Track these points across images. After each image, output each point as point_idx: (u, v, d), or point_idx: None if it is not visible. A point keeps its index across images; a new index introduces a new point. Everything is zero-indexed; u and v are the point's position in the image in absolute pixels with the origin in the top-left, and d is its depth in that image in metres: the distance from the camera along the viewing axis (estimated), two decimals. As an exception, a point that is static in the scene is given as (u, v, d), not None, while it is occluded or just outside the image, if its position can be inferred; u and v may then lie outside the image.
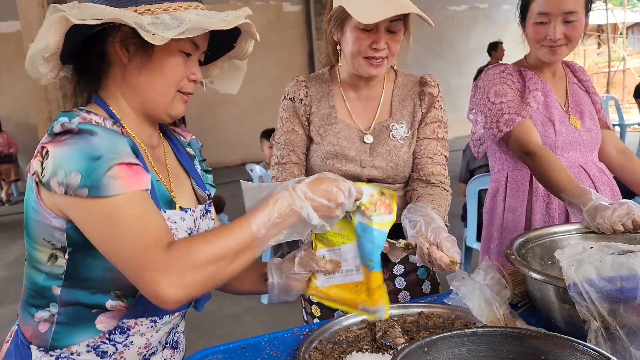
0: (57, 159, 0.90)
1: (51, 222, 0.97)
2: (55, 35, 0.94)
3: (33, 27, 3.79)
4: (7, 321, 3.97)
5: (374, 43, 1.45)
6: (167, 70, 1.03)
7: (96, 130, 0.92)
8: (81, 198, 0.89)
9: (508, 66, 1.86)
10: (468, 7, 12.66)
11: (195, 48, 1.06)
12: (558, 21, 1.69)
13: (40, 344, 1.06)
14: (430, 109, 1.60)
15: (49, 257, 1.01)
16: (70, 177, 0.89)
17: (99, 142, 0.91)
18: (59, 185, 0.90)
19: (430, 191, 1.54)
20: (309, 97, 1.60)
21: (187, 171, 1.23)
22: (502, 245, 1.85)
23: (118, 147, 0.92)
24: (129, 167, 0.92)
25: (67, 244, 0.99)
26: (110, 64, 1.05)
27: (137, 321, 1.07)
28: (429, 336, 0.81)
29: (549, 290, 1.13)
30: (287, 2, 11.06)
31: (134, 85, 1.05)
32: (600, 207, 1.38)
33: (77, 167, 0.89)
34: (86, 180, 0.88)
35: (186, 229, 1.09)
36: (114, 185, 0.89)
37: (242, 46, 1.18)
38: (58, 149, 0.91)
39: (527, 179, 1.83)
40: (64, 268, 1.01)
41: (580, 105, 1.86)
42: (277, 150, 1.62)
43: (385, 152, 1.55)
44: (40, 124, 3.88)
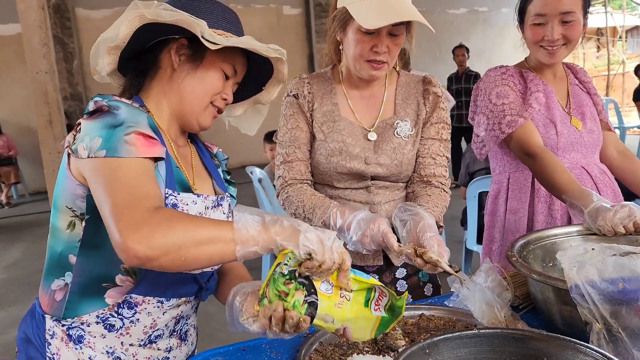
0: (86, 130, 1.02)
1: (75, 189, 1.08)
2: (126, 29, 1.08)
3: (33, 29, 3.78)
4: (8, 323, 3.96)
5: (375, 46, 1.45)
6: (208, 80, 1.18)
7: (121, 105, 1.04)
8: (97, 159, 0.99)
9: (509, 68, 1.86)
10: (467, 10, 12.69)
11: (234, 73, 1.22)
12: (555, 22, 1.69)
13: (54, 313, 1.15)
14: (435, 109, 1.60)
15: (68, 224, 1.12)
16: (94, 141, 1.00)
17: (122, 114, 1.03)
18: (83, 150, 1.00)
19: (428, 192, 1.54)
20: (312, 93, 1.60)
21: (210, 172, 1.31)
22: (504, 247, 1.85)
23: (137, 119, 1.04)
24: (144, 137, 1.02)
25: (85, 211, 1.09)
26: (160, 67, 1.19)
27: (144, 299, 1.13)
28: (430, 337, 0.80)
29: (550, 292, 1.12)
30: (288, 5, 11.09)
31: (178, 86, 1.18)
32: (601, 209, 1.38)
33: (99, 133, 1.00)
34: (105, 143, 0.99)
35: (196, 212, 1.15)
36: (127, 149, 0.99)
37: (270, 90, 1.35)
38: (89, 123, 1.03)
39: (529, 180, 1.82)
40: (80, 236, 1.11)
41: (581, 106, 1.86)
42: (281, 149, 1.61)
43: (390, 149, 1.55)
44: (41, 126, 3.87)
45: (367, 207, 1.57)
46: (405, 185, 1.63)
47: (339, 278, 0.95)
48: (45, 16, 3.84)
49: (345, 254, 0.94)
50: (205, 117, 1.21)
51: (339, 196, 1.58)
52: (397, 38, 1.47)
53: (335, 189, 1.59)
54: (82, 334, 1.14)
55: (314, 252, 0.89)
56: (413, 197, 1.57)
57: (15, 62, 9.28)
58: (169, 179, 1.11)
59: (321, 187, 1.62)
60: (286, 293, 0.90)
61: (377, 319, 0.97)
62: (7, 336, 3.74)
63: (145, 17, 1.07)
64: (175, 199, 1.11)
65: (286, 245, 0.91)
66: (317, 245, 0.90)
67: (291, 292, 0.90)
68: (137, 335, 1.16)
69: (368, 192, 1.57)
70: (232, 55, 1.19)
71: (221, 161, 1.39)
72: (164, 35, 1.15)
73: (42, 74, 3.80)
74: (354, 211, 1.37)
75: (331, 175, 1.57)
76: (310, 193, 1.52)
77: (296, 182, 1.57)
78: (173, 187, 1.12)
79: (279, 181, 1.60)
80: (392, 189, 1.59)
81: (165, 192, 1.09)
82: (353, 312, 0.96)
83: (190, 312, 1.27)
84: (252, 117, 1.42)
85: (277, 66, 1.26)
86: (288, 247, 0.90)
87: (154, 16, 1.06)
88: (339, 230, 1.38)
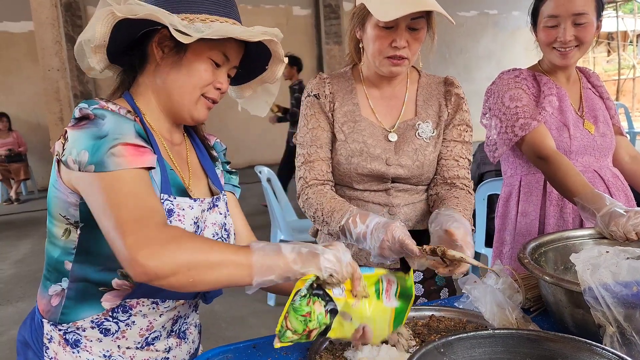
0: (74, 139, 0.99)
1: (67, 197, 1.05)
2: (102, 27, 1.04)
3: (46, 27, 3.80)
4: (15, 319, 3.98)
5: (394, 41, 1.42)
6: (194, 73, 1.11)
7: (106, 114, 1.00)
8: (89, 173, 0.97)
9: (523, 71, 1.86)
10: (478, 13, 12.66)
11: (226, 60, 1.14)
12: (568, 23, 1.69)
13: (51, 317, 1.14)
14: (458, 111, 1.58)
15: (63, 231, 1.10)
16: (81, 154, 0.97)
17: (106, 124, 0.99)
18: (73, 163, 0.98)
19: (455, 194, 1.51)
20: (332, 93, 1.58)
21: (205, 170, 1.27)
22: (514, 249, 1.84)
23: (123, 129, 1.00)
24: (132, 147, 0.99)
25: (79, 219, 1.07)
26: (147, 61, 1.14)
27: (138, 301, 1.12)
28: (445, 337, 0.80)
29: (562, 294, 1.12)
30: (297, 6, 11.09)
31: (164, 82, 1.12)
32: (614, 214, 1.37)
33: (85, 146, 0.97)
34: (92, 158, 0.96)
35: (193, 217, 1.13)
36: (115, 162, 0.96)
37: (273, 70, 1.26)
38: (75, 132, 0.99)
39: (541, 183, 1.82)
40: (75, 242, 1.09)
41: (594, 110, 1.86)
42: (302, 150, 1.58)
43: (411, 150, 1.53)
44: (52, 123, 3.90)
45: (386, 209, 1.55)
46: (426, 189, 1.61)
47: (353, 287, 1.00)
48: (57, 14, 3.87)
49: (354, 264, 1.00)
50: (198, 110, 1.15)
51: (358, 197, 1.57)
52: (416, 32, 1.44)
53: (355, 190, 1.57)
54: (78, 338, 1.13)
55: (334, 271, 0.95)
56: (438, 199, 1.54)
57: (27, 60, 9.34)
58: (164, 184, 1.08)
59: (340, 188, 1.60)
60: (309, 312, 0.93)
61: (392, 312, 1.00)
62: (15, 331, 3.75)
63: (116, 15, 1.02)
64: (172, 204, 1.08)
65: (307, 271, 0.94)
66: (337, 265, 0.96)
67: (312, 309, 0.94)
68: (133, 338, 1.15)
69: (387, 194, 1.55)
70: (222, 41, 1.09)
71: (220, 152, 1.36)
72: (147, 27, 1.08)
73: (53, 72, 3.83)
74: (366, 220, 1.33)
75: (351, 176, 1.55)
76: (330, 196, 1.49)
77: (317, 184, 1.54)
78: (169, 191, 1.09)
79: (299, 182, 1.56)
80: (412, 192, 1.58)
81: (161, 197, 1.07)
82: (369, 308, 1.00)
83: (188, 311, 1.25)
84: (262, 97, 1.34)
85: (272, 47, 1.16)
86: (309, 273, 0.94)
87: (125, 12, 1.01)
88: (356, 240, 1.36)
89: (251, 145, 10.94)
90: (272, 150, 10.86)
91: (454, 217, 1.30)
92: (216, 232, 1.21)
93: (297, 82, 6.73)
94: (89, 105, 1.01)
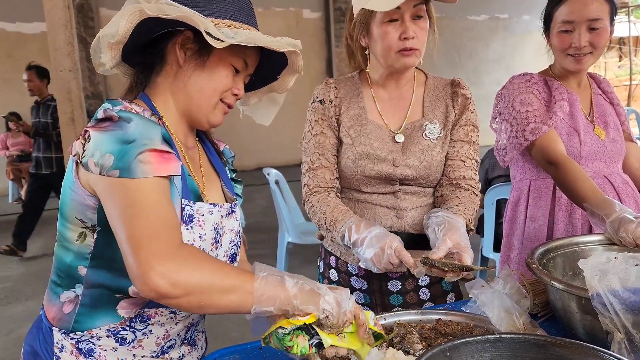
0: (96, 143, 0.96)
1: (85, 200, 1.02)
2: (126, 24, 1.02)
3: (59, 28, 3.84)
4: (24, 317, 4.02)
5: (403, 33, 1.43)
6: (217, 77, 1.11)
7: (133, 117, 0.98)
8: (112, 178, 0.94)
9: (534, 75, 1.85)
10: (488, 17, 12.61)
11: (245, 67, 1.14)
12: (583, 29, 1.69)
13: (62, 325, 1.10)
14: (464, 111, 1.58)
15: (78, 235, 1.06)
16: (105, 158, 0.94)
17: (134, 128, 0.96)
18: (94, 166, 0.95)
19: (458, 194, 1.52)
20: (338, 97, 1.59)
21: (218, 173, 1.27)
22: (523, 254, 1.83)
23: (151, 134, 0.97)
24: (159, 153, 0.97)
25: (96, 223, 1.04)
26: (166, 63, 1.12)
27: (157, 310, 1.10)
28: (451, 341, 0.80)
29: (570, 300, 1.11)
30: (307, 9, 11.12)
31: (185, 85, 1.11)
32: (624, 220, 1.36)
33: (111, 150, 0.94)
34: (118, 162, 0.94)
35: (213, 223, 1.12)
36: (142, 169, 0.94)
37: (285, 79, 1.27)
38: (98, 134, 0.96)
39: (550, 188, 1.81)
40: (91, 247, 1.05)
41: (604, 116, 1.85)
42: (306, 157, 1.60)
43: (419, 150, 1.53)
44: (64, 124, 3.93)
45: (394, 213, 1.56)
46: (433, 192, 1.61)
47: (359, 334, 1.02)
48: (70, 15, 3.90)
49: (358, 310, 1.01)
50: (216, 115, 1.15)
51: (366, 201, 1.57)
52: (421, 21, 1.45)
53: (362, 193, 1.58)
54: (92, 347, 1.09)
55: (331, 314, 0.96)
56: (442, 200, 1.54)
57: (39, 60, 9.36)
58: (184, 189, 1.07)
59: (348, 192, 1.61)
60: (290, 347, 0.95)
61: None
62: (24, 329, 3.78)
63: (145, 13, 1.00)
64: (192, 209, 1.07)
65: (305, 309, 0.95)
66: (335, 309, 0.96)
67: (295, 342, 0.95)
68: (149, 347, 1.13)
69: (395, 197, 1.55)
70: (243, 48, 1.09)
71: (228, 159, 1.36)
72: (168, 27, 1.07)
73: (65, 72, 3.86)
74: (369, 227, 1.36)
75: (359, 179, 1.55)
76: (333, 205, 1.50)
77: (320, 191, 1.56)
78: (188, 196, 1.08)
79: (304, 189, 1.58)
80: (420, 195, 1.58)
81: (181, 202, 1.06)
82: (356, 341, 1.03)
83: (199, 319, 1.25)
84: (268, 106, 1.34)
85: (292, 58, 1.18)
86: (307, 310, 0.95)
87: (156, 12, 1.00)
88: (352, 244, 1.38)
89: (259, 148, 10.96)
90: (280, 152, 10.89)
91: (444, 221, 1.32)
92: (232, 238, 1.21)
93: (48, 98, 5.69)
94: (113, 105, 1.00)
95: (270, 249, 4.61)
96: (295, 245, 4.12)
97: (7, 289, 4.73)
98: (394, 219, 1.55)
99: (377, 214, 1.56)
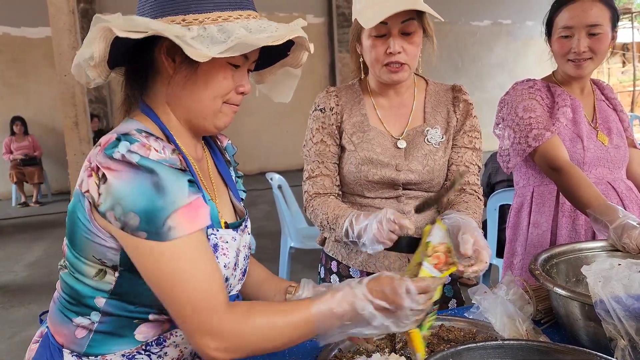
0: (116, 194, 0.87)
1: (105, 242, 0.94)
2: (100, 45, 0.92)
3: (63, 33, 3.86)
4: (28, 321, 4.03)
5: (388, 48, 1.44)
6: (214, 83, 0.99)
7: (157, 169, 0.88)
8: (137, 238, 0.88)
9: (537, 81, 1.85)
10: (491, 22, 12.64)
11: (245, 59, 1.01)
12: (582, 34, 1.69)
13: (75, 349, 1.04)
14: (468, 117, 1.59)
15: (97, 272, 0.98)
16: (129, 216, 0.87)
17: (160, 184, 0.88)
18: (115, 220, 0.88)
19: (464, 198, 1.53)
20: (339, 105, 1.60)
21: (225, 182, 1.20)
22: (526, 260, 1.83)
23: (178, 188, 0.89)
24: (188, 208, 0.90)
25: (119, 263, 0.96)
26: (158, 72, 1.01)
27: (172, 332, 1.06)
28: (454, 347, 0.80)
29: (574, 306, 1.11)
30: (311, 14, 11.16)
31: (180, 96, 1.01)
32: (627, 226, 1.36)
33: (135, 209, 0.86)
34: (145, 225, 0.87)
35: (235, 249, 1.08)
36: (173, 232, 0.88)
37: (297, 55, 1.14)
38: (117, 181, 0.87)
39: (554, 194, 1.81)
40: (111, 285, 0.98)
41: (607, 122, 1.85)
42: (307, 165, 1.61)
43: (421, 155, 1.54)
44: (67, 128, 3.94)
45: None
46: None
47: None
48: (74, 20, 3.93)
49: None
50: (222, 118, 1.04)
51: (369, 205, 1.58)
52: (410, 37, 1.45)
53: (365, 198, 1.58)
54: None
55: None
56: (448, 205, 1.55)
57: (44, 65, 9.47)
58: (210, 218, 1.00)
59: (351, 197, 1.62)
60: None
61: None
62: (27, 333, 3.80)
63: (114, 32, 0.87)
64: (216, 238, 1.02)
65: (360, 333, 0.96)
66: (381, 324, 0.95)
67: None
68: None
69: (398, 201, 1.56)
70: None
71: (231, 156, 1.28)
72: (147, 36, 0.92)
73: (70, 77, 3.88)
74: (369, 216, 1.35)
75: (362, 184, 1.56)
76: (334, 205, 1.51)
77: (320, 196, 1.57)
78: (212, 225, 1.02)
79: (304, 196, 1.59)
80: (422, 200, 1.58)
81: (206, 232, 1.00)
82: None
83: None
84: (284, 81, 1.21)
85: (298, 40, 1.05)
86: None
87: (125, 29, 0.87)
88: (357, 236, 1.36)
89: (263, 152, 10.99)
90: (283, 157, 10.90)
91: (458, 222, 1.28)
92: (246, 254, 1.18)
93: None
94: (130, 143, 0.89)
95: (273, 253, 4.61)
96: (297, 250, 4.12)
97: (10, 292, 4.74)
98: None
99: None
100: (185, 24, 0.92)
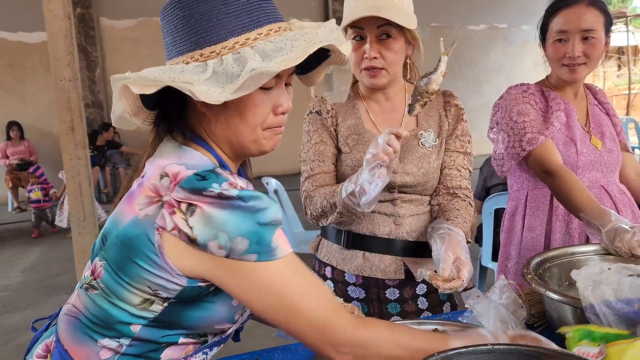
0: (218, 222, 0.84)
1: (173, 278, 0.90)
2: (127, 100, 0.91)
3: (59, 38, 3.86)
4: (24, 326, 4.01)
5: (364, 52, 1.48)
6: (248, 113, 0.94)
7: (257, 195, 0.88)
8: (247, 262, 0.86)
9: (530, 86, 1.87)
10: (487, 27, 12.69)
11: (277, 78, 0.94)
12: (576, 39, 1.71)
13: None
14: (459, 122, 1.61)
15: (142, 300, 0.93)
16: (236, 242, 0.85)
17: (265, 207, 0.87)
18: (219, 248, 0.85)
19: (456, 205, 1.54)
20: (334, 109, 1.62)
21: None
22: (520, 264, 1.83)
23: (275, 211, 0.89)
24: (282, 228, 0.91)
25: (174, 297, 0.92)
26: (192, 109, 0.98)
27: (194, 355, 1.04)
28: (444, 351, 0.80)
29: (565, 310, 1.12)
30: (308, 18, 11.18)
31: (215, 129, 0.97)
32: (620, 230, 1.37)
33: (243, 233, 0.85)
34: (255, 246, 0.86)
35: None
36: (280, 249, 0.88)
37: (338, 52, 1.00)
38: (216, 211, 0.84)
39: (547, 198, 1.82)
40: (155, 314, 0.94)
41: (600, 126, 1.86)
42: (305, 166, 1.60)
43: (416, 158, 1.55)
44: (63, 132, 3.93)
45: (392, 219, 1.57)
46: (430, 200, 1.62)
47: None
48: (70, 25, 3.92)
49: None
50: (266, 143, 0.99)
51: None
52: (387, 42, 1.47)
53: None
54: None
55: None
56: (439, 210, 1.56)
57: (40, 69, 9.47)
58: None
59: None
60: None
61: None
62: (23, 338, 3.79)
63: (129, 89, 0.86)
64: None
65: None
66: None
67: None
68: None
69: (393, 204, 1.57)
70: None
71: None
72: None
73: (65, 82, 3.87)
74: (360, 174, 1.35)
75: None
76: (329, 187, 1.51)
77: (318, 188, 1.56)
78: None
79: (303, 195, 1.59)
80: (417, 204, 1.59)
81: None
82: None
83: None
84: (337, 79, 1.23)
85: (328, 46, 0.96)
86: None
87: (138, 84, 0.85)
88: (358, 194, 1.34)
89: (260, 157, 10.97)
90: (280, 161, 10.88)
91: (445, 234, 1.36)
92: None
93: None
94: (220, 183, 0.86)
95: (269, 258, 4.61)
96: (294, 255, 4.12)
97: (5, 298, 4.72)
98: (392, 225, 1.57)
99: (375, 220, 1.57)
100: (202, 59, 0.89)
